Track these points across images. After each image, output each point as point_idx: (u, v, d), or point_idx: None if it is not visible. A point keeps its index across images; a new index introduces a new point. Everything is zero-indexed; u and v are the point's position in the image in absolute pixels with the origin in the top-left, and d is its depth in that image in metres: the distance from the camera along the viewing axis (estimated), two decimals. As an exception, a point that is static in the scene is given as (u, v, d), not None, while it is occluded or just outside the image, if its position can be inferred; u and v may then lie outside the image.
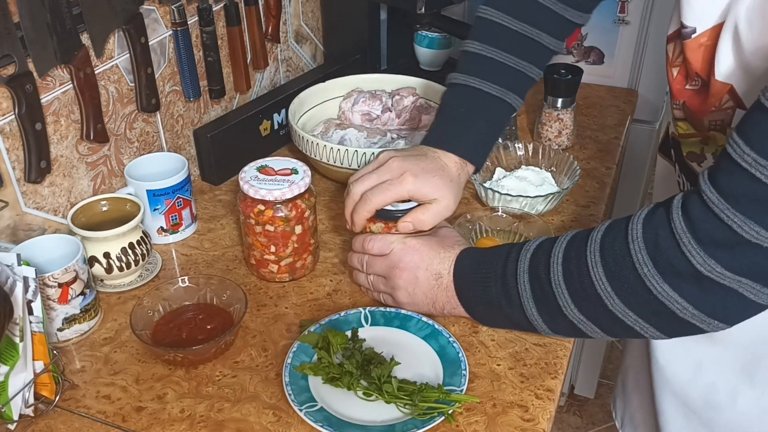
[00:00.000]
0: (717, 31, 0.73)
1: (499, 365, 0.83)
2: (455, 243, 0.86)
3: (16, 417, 0.76)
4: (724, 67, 0.73)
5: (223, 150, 1.17)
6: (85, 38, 0.94)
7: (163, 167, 1.04)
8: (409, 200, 0.87)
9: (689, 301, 0.66)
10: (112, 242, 0.92)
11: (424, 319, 0.86)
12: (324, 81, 1.26)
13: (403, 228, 0.87)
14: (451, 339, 0.84)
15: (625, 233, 0.69)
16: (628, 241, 0.68)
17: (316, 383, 0.80)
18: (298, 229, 0.93)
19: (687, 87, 0.81)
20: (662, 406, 0.95)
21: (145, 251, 0.96)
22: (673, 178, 0.93)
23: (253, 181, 0.91)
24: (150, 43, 1.04)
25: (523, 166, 1.15)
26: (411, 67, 1.47)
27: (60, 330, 0.86)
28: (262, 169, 0.93)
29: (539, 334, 0.81)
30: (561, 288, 0.73)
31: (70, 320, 0.86)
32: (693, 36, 0.76)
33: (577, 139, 1.28)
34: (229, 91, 1.24)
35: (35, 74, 0.87)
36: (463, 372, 0.80)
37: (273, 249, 0.93)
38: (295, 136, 1.13)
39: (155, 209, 1.01)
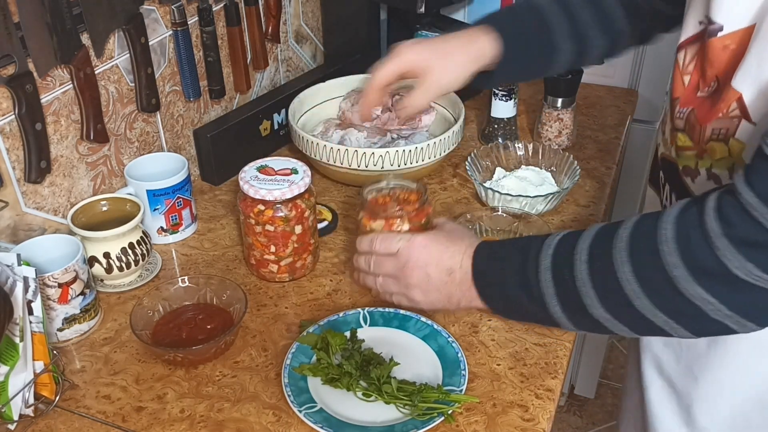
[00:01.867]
0: (746, 34, 0.68)
1: (499, 365, 0.83)
2: (464, 235, 0.83)
3: (16, 417, 0.76)
4: (743, 74, 0.69)
5: (223, 150, 1.17)
6: (85, 38, 0.94)
7: (163, 167, 1.04)
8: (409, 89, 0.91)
9: (722, 302, 0.64)
10: (112, 242, 0.92)
11: (423, 319, 0.86)
12: (324, 81, 1.26)
13: (402, 114, 0.92)
14: (450, 339, 0.84)
15: (654, 232, 0.66)
16: (658, 242, 0.65)
17: (315, 384, 0.80)
18: (298, 229, 0.93)
19: (698, 94, 0.77)
20: None
21: (145, 251, 0.96)
22: (657, 207, 0.89)
23: (253, 181, 0.91)
24: (150, 43, 1.04)
25: (523, 166, 1.15)
26: (411, 67, 1.47)
27: (60, 330, 0.86)
28: (262, 169, 0.93)
29: (551, 330, 0.80)
30: (586, 287, 0.70)
31: (70, 320, 0.86)
32: (719, 34, 0.70)
33: (577, 139, 1.28)
34: (229, 91, 1.24)
35: (35, 74, 0.87)
36: (463, 372, 0.80)
37: (273, 249, 0.93)
38: (295, 136, 1.13)
39: (155, 209, 1.01)
